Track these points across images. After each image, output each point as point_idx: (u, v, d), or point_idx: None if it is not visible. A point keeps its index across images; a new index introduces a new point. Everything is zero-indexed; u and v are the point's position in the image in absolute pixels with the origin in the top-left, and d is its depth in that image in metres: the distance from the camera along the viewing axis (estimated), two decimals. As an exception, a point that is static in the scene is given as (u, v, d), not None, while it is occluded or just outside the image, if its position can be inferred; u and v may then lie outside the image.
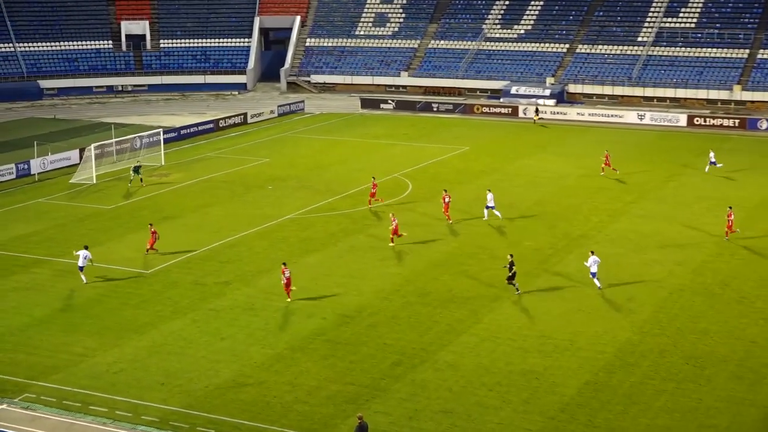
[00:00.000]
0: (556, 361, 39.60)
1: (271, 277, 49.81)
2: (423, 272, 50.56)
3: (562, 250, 54.13)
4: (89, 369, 39.30)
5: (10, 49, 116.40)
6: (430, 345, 41.32)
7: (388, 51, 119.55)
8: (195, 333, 42.91)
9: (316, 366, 39.39)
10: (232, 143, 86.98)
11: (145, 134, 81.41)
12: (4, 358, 40.40)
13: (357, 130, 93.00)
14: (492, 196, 60.39)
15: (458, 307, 45.68)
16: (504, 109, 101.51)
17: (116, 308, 46.04)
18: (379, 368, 39.13)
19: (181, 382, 38.09)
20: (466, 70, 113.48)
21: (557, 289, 47.91)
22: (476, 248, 54.43)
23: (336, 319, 44.32)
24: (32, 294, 48.09)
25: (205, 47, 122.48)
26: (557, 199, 65.28)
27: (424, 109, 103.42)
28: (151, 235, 53.85)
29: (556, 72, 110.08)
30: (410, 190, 67.66)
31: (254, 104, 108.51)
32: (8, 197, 67.82)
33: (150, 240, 53.83)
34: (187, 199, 66.46)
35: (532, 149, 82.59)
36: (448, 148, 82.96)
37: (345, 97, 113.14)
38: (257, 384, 37.85)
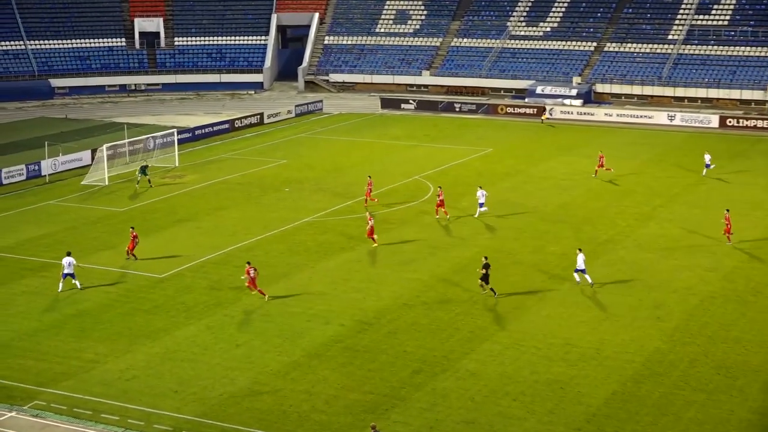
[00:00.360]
0: (582, 370, 39.50)
1: (288, 283, 49.90)
2: (444, 277, 50.53)
3: (588, 255, 53.77)
4: (101, 376, 39.44)
5: (21, 47, 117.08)
6: (452, 353, 41.28)
7: (409, 49, 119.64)
8: (209, 339, 43.02)
9: (333, 374, 39.41)
10: (248, 144, 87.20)
11: (159, 135, 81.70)
12: (13, 364, 40.60)
13: (377, 130, 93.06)
14: (483, 193, 61.71)
15: (480, 313, 45.64)
16: (529, 109, 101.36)
17: (128, 313, 46.21)
18: (398, 376, 39.12)
19: (195, 389, 38.18)
20: (490, 69, 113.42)
21: (583, 295, 47.79)
22: (498, 253, 54.34)
23: (354, 326, 44.34)
24: (42, 298, 48.32)
25: (221, 45, 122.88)
26: (583, 202, 65.15)
27: (446, 109, 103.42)
28: (132, 239, 53.67)
29: (583, 71, 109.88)
30: (431, 192, 67.61)
31: (271, 104, 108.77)
32: (18, 199, 68.18)
33: (130, 244, 53.65)
34: (201, 201, 66.66)
35: (557, 151, 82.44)
36: (470, 149, 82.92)
37: (364, 97, 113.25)
38: (273, 392, 37.91)
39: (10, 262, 53.89)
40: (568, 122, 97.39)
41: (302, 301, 47.26)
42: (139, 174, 71.00)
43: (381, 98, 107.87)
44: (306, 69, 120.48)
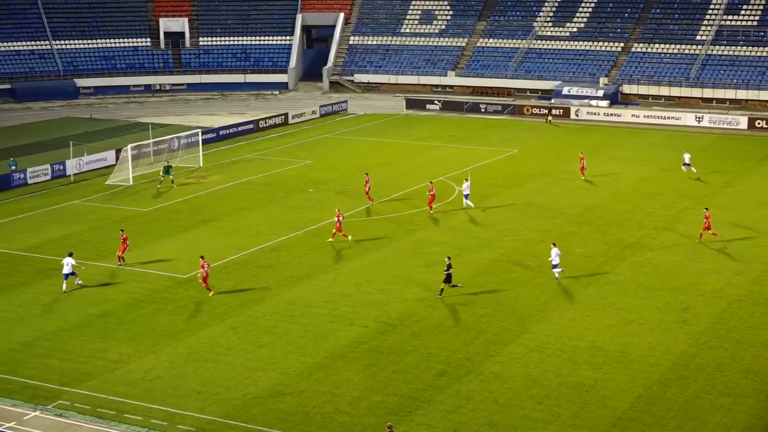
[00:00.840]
0: (607, 373, 39.39)
1: (312, 284, 50.01)
2: (469, 279, 50.49)
3: (614, 257, 53.84)
4: (124, 376, 39.64)
5: (47, 47, 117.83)
6: (476, 355, 41.26)
7: (434, 49, 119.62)
8: (233, 340, 43.16)
9: (357, 375, 39.46)
10: (272, 144, 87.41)
11: (183, 135, 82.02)
12: (37, 364, 40.87)
13: (402, 131, 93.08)
14: (468, 185, 63.30)
15: (505, 315, 45.59)
16: (555, 110, 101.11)
17: (152, 314, 46.43)
18: (422, 378, 39.13)
19: (219, 390, 38.31)
20: (516, 70, 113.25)
21: (609, 298, 47.66)
22: (523, 255, 54.29)
23: (378, 327, 44.38)
24: (66, 298, 48.58)
25: (246, 45, 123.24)
26: (610, 204, 64.96)
27: (472, 110, 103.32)
28: (122, 242, 53.38)
29: (609, 72, 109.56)
30: (456, 194, 67.58)
31: (295, 104, 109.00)
32: (43, 198, 68.60)
33: (121, 247, 53.39)
34: (225, 201, 66.88)
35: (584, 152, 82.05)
36: (496, 150, 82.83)
37: (389, 98, 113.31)
38: (296, 393, 37.99)
39: (35, 262, 54.25)
40: (594, 123, 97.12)
41: (326, 303, 47.35)
42: (163, 174, 71.34)
43: (406, 99, 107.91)
44: (331, 69, 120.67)
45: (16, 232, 59.87)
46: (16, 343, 43.06)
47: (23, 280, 51.37)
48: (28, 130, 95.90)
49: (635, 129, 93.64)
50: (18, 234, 59.52)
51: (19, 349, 42.36)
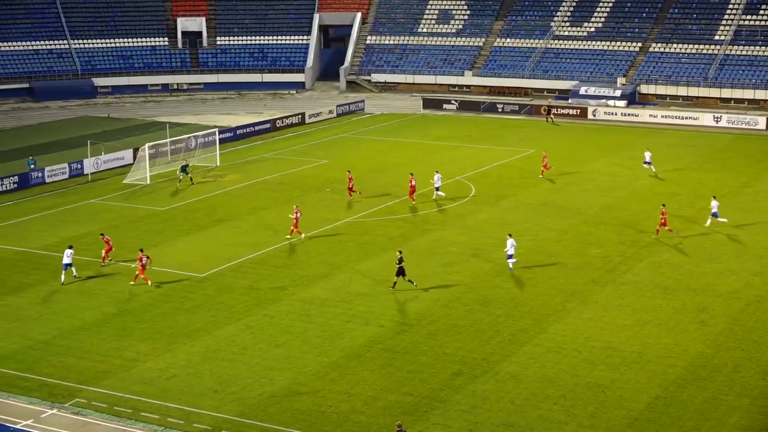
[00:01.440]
0: (623, 374, 39.31)
1: (329, 283, 50.06)
2: (485, 279, 50.47)
3: (631, 258, 53.71)
4: (141, 374, 39.78)
5: (65, 46, 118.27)
6: (492, 355, 41.24)
7: (451, 49, 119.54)
8: (249, 339, 43.25)
9: (373, 375, 39.49)
10: (289, 144, 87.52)
11: (201, 134, 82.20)
12: (55, 362, 41.04)
13: (418, 131, 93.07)
14: (439, 177, 65.13)
15: (522, 315, 45.55)
16: (572, 110, 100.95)
17: (169, 313, 46.56)
18: (438, 378, 39.13)
19: (235, 389, 38.40)
20: (533, 70, 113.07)
21: (626, 298, 47.56)
22: (541, 255, 54.21)
23: (394, 327, 44.40)
24: (84, 297, 48.79)
25: (263, 45, 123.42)
26: (627, 204, 64.80)
27: (489, 109, 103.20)
28: (106, 243, 53.65)
29: (627, 72, 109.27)
30: (473, 193, 67.56)
31: (312, 104, 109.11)
32: (61, 197, 68.86)
33: (106, 248, 53.66)
34: (242, 201, 67.01)
35: (601, 152, 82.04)
36: (513, 150, 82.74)
37: (406, 97, 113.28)
38: (312, 393, 38.05)
39: (53, 261, 54.45)
40: (611, 123, 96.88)
41: (342, 302, 47.40)
42: (180, 173, 71.58)
43: (423, 98, 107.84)
44: (348, 69, 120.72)
45: (33, 231, 60.14)
46: (34, 341, 43.26)
47: (41, 278, 51.60)
48: (46, 129, 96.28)
49: (653, 129, 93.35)
50: (36, 233, 59.79)
51: (36, 348, 42.56)
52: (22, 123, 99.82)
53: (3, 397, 37.99)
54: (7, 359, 41.38)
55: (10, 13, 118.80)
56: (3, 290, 49.87)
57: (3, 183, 70.70)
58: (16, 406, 37.26)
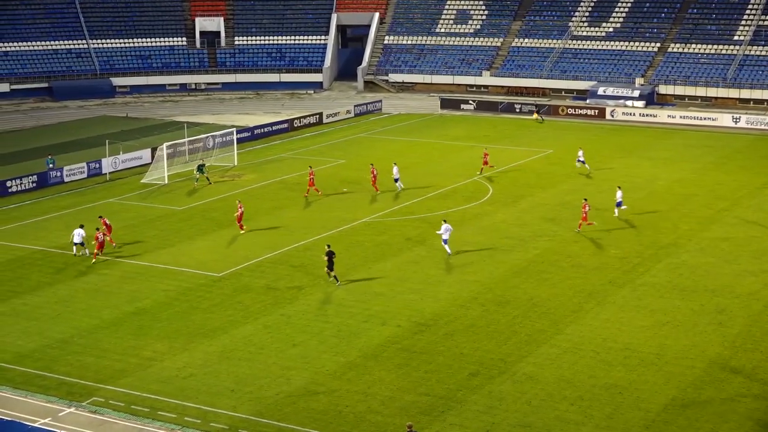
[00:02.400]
0: (641, 375, 39.20)
1: (345, 283, 50.05)
2: (502, 280, 50.42)
3: (649, 259, 53.56)
4: (158, 373, 39.88)
5: (84, 46, 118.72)
6: (509, 356, 41.19)
7: (469, 49, 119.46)
8: (266, 339, 43.31)
9: (389, 375, 39.49)
10: (306, 144, 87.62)
11: (218, 134, 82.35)
12: (72, 361, 41.19)
13: (436, 131, 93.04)
14: (397, 169, 67.52)
15: (539, 316, 45.48)
16: (590, 110, 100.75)
17: (186, 312, 46.67)
18: (455, 379, 39.11)
19: (252, 389, 38.47)
20: (551, 70, 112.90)
21: (644, 299, 47.42)
22: (558, 255, 54.12)
23: (411, 327, 44.39)
24: (101, 296, 48.96)
25: (281, 45, 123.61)
26: (645, 205, 64.61)
27: (507, 110, 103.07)
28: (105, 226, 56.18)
29: (645, 72, 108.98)
30: (490, 194, 67.49)
31: (330, 104, 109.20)
32: (79, 197, 69.11)
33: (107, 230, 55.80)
34: (259, 200, 67.10)
35: (619, 153, 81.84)
36: (531, 150, 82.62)
37: (424, 97, 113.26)
38: (329, 392, 38.08)
39: (71, 259, 54.66)
40: (630, 124, 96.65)
41: (359, 302, 47.42)
42: (197, 173, 71.82)
43: (440, 99, 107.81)
44: (365, 69, 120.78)
45: (52, 230, 60.38)
46: (52, 340, 43.44)
47: (59, 277, 51.80)
48: (65, 128, 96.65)
49: (671, 130, 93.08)
50: (54, 231, 60.02)
51: (54, 346, 42.73)
52: (41, 122, 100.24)
53: (21, 395, 38.16)
54: (25, 357, 41.56)
55: (30, 13, 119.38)
56: (21, 289, 50.08)
57: (22, 182, 71.01)
58: (33, 404, 37.42)
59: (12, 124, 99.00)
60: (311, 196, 67.30)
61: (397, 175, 68.02)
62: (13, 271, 52.94)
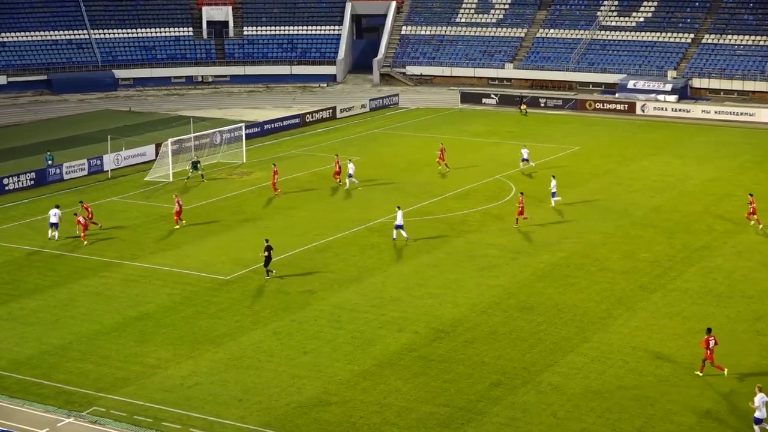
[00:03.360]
0: (673, 386, 39.08)
1: (360, 287, 50.09)
2: (526, 284, 50.34)
3: (681, 262, 53.41)
4: (162, 382, 39.94)
5: (85, 37, 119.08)
6: (533, 365, 41.11)
7: (491, 40, 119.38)
8: (276, 346, 43.34)
9: (406, 385, 39.47)
10: (319, 140, 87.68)
11: (226, 129, 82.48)
12: (72, 368, 41.29)
13: (456, 127, 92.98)
14: (353, 166, 69.64)
15: (565, 323, 45.39)
16: (620, 105, 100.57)
17: (192, 317, 46.73)
18: (475, 389, 39.06)
19: (261, 398, 38.49)
20: (578, 62, 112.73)
21: (676, 306, 47.27)
22: (585, 259, 54.01)
23: (429, 334, 44.35)
24: (102, 300, 49.07)
25: (292, 35, 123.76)
26: (677, 205, 64.46)
27: (531, 104, 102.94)
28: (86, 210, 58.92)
29: (678, 65, 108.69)
30: (513, 193, 67.41)
31: (344, 97, 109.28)
32: (80, 195, 69.25)
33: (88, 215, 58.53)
34: (269, 200, 67.14)
35: (650, 150, 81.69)
36: (556, 147, 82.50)
37: (443, 91, 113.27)
38: (342, 403, 38.07)
39: (70, 261, 54.83)
40: (661, 119, 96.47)
41: (374, 307, 47.41)
42: (191, 169, 72.22)
43: (461, 92, 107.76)
44: (381, 61, 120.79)
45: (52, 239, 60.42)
46: (50, 346, 43.55)
47: (58, 280, 51.96)
48: (64, 123, 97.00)
49: (705, 126, 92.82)
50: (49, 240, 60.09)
51: (53, 353, 42.83)
52: (39, 117, 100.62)
53: (18, 404, 38.25)
54: (22, 365, 41.66)
55: (28, 1, 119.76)
56: (18, 292, 50.24)
57: (19, 179, 71.26)
58: (31, 413, 37.51)
59: (9, 119, 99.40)
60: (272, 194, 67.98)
61: (352, 171, 69.83)
62: (10, 274, 53.13)
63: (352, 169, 69.92)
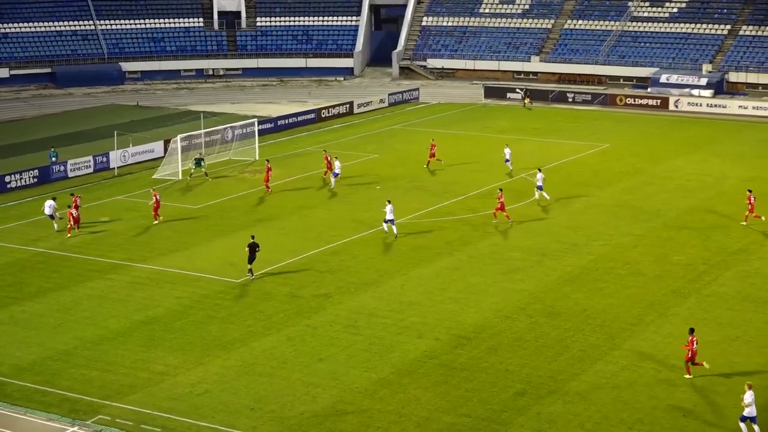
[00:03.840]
0: (708, 396, 38.96)
1: (378, 291, 50.11)
2: (552, 288, 50.28)
3: (716, 266, 53.25)
4: (170, 389, 40.03)
5: (90, 28, 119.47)
6: (560, 373, 41.05)
7: (517, 32, 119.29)
8: (289, 352, 43.38)
9: (426, 394, 39.46)
10: (335, 136, 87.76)
11: (238, 125, 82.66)
12: (76, 375, 41.42)
13: (479, 123, 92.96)
14: (339, 164, 70.40)
15: (593, 329, 45.31)
16: (652, 100, 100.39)
17: (201, 322, 46.82)
18: (499, 398, 39.03)
19: (274, 407, 38.54)
20: (608, 55, 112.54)
21: (711, 312, 47.14)
22: (615, 262, 53.91)
23: (450, 340, 44.34)
24: (108, 303, 49.21)
25: (307, 26, 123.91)
26: (713, 206, 64.28)
27: (558, 99, 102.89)
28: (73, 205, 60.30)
29: (714, 57, 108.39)
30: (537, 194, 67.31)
31: (362, 92, 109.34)
32: (84, 193, 69.39)
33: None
34: (283, 199, 67.28)
35: (684, 148, 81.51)
36: (584, 145, 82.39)
37: (466, 85, 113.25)
38: (359, 412, 38.08)
39: (75, 263, 55.02)
40: (696, 115, 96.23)
41: (393, 312, 47.42)
42: (194, 166, 72.45)
43: (484, 86, 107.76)
44: (401, 53, 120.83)
45: (54, 230, 60.70)
46: (54, 351, 43.69)
47: (62, 282, 52.13)
48: (69, 118, 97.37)
49: (743, 122, 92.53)
50: (56, 232, 60.36)
51: (56, 359, 42.98)
52: (43, 111, 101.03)
53: (20, 412, 38.38)
54: (24, 371, 41.82)
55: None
56: (21, 295, 50.44)
57: (22, 177, 71.57)
58: (33, 422, 37.64)
59: (11, 114, 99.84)
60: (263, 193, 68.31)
61: (338, 170, 70.00)
62: (12, 275, 53.35)
63: (338, 167, 70.19)
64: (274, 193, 68.44)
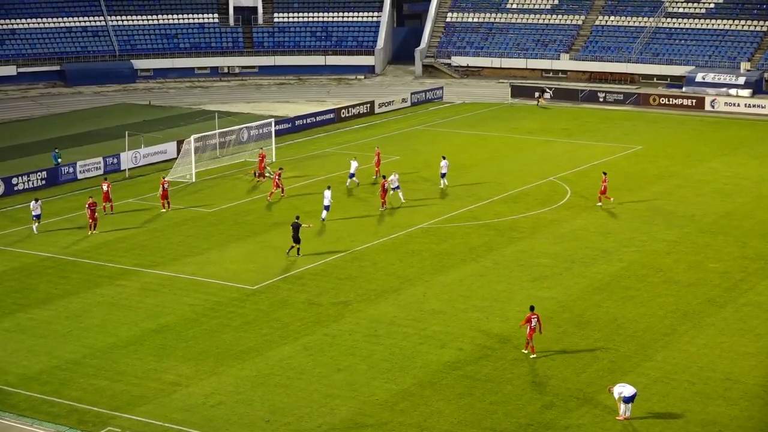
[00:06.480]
0: (744, 410, 38.88)
1: (399, 298, 50.15)
2: (582, 297, 50.24)
3: (754, 274, 53.12)
4: (183, 400, 40.15)
5: (101, 24, 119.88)
6: (589, 385, 41.02)
7: (545, 28, 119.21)
8: (307, 362, 43.46)
9: (449, 406, 39.49)
10: (355, 137, 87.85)
11: (254, 125, 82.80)
12: (85, 385, 41.59)
13: (506, 123, 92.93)
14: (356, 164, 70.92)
15: (624, 340, 45.26)
16: (687, 100, 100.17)
17: (215, 330, 46.94)
18: (525, 411, 39.02)
19: (290, 419, 38.62)
20: (641, 53, 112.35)
21: (748, 322, 47.03)
22: (647, 269, 53.82)
23: (474, 351, 44.36)
24: (119, 310, 49.38)
25: (327, 22, 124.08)
26: (751, 211, 64.12)
27: (589, 99, 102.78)
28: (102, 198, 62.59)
29: (753, 55, 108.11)
30: (569, 197, 67.29)
31: (383, 91, 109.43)
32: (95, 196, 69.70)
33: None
34: (301, 202, 67.36)
35: (720, 150, 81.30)
36: (616, 147, 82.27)
37: (492, 84, 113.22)
38: (379, 425, 38.13)
39: (84, 268, 55.22)
40: (733, 116, 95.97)
41: (415, 321, 47.45)
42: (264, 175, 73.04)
43: (511, 85, 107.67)
44: (424, 51, 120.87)
45: (63, 235, 60.99)
46: (62, 360, 43.88)
47: (71, 288, 52.34)
48: (79, 117, 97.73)
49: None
50: (66, 236, 60.63)
51: (65, 368, 43.16)
52: (51, 111, 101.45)
53: (27, 423, 38.56)
54: (32, 380, 42.02)
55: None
56: (28, 302, 50.67)
57: (29, 179, 71.85)
58: (40, 433, 37.89)
59: (19, 113, 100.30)
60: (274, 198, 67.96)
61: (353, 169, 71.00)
62: (19, 281, 53.60)
63: (354, 167, 70.52)
64: (289, 196, 68.53)
